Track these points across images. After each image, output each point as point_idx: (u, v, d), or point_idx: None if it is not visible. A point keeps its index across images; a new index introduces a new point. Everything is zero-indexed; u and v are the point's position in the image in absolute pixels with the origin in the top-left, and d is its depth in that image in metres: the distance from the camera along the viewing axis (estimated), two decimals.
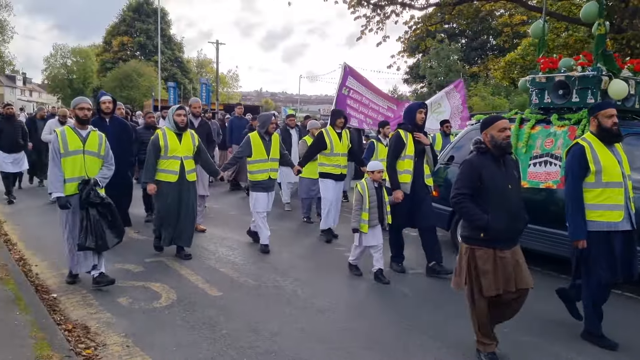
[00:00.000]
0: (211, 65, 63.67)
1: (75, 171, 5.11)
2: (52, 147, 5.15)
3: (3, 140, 10.07)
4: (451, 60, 44.46)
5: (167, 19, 61.65)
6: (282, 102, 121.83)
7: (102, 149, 5.31)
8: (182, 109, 6.32)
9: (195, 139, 6.46)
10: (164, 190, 6.25)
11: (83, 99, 5.36)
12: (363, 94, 9.93)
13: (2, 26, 40.16)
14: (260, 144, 6.83)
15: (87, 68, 61.72)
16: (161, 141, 6.21)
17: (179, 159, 6.25)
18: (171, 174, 6.24)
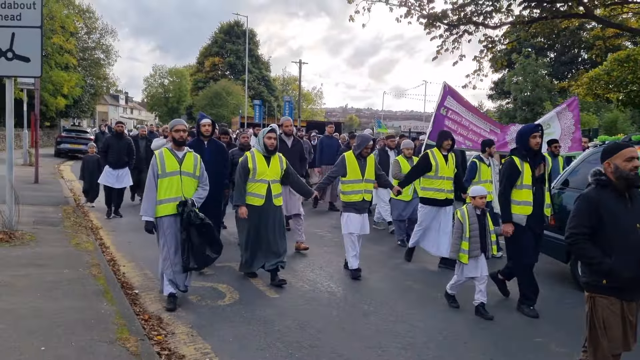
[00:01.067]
0: (296, 82, 65.77)
1: (172, 192, 5.22)
2: (150, 169, 5.29)
3: (111, 155, 10.45)
4: (538, 75, 43.01)
5: (255, 39, 64.60)
6: (367, 118, 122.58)
7: (197, 170, 5.39)
8: (274, 132, 6.16)
9: (283, 162, 6.31)
10: (249, 213, 6.09)
11: (179, 121, 5.51)
12: (463, 115, 9.45)
13: (108, 50, 43.90)
14: (355, 164, 6.68)
15: (181, 87, 65.82)
16: (250, 164, 6.10)
17: (266, 182, 6.11)
18: (257, 198, 6.10)
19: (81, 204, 11.47)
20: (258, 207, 6.10)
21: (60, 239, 7.84)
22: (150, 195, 5.24)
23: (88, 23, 41.16)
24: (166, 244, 5.27)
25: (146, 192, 5.30)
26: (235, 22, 62.84)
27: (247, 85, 48.29)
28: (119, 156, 10.48)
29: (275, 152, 6.23)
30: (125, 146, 10.63)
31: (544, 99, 38.90)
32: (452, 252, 5.47)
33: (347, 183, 6.71)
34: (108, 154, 10.46)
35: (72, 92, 34.09)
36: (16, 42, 7.48)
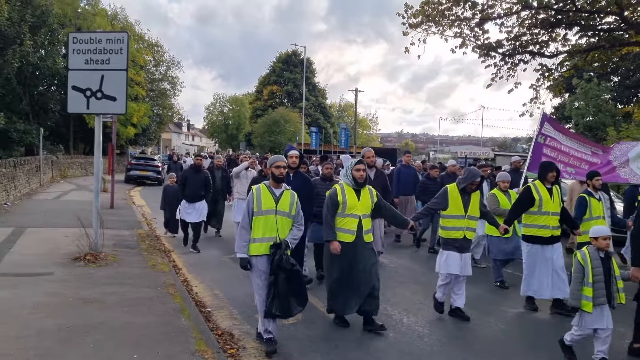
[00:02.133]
0: (352, 109, 66.67)
1: (266, 231, 5.00)
2: (246, 206, 5.11)
3: (188, 189, 10.18)
4: (601, 100, 41.84)
5: (312, 68, 66.18)
6: (423, 144, 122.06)
7: (293, 209, 5.14)
8: (362, 164, 5.79)
9: (374, 195, 5.92)
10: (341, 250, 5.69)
11: (280, 157, 5.25)
12: (561, 142, 9.01)
13: (174, 82, 46.33)
14: (459, 198, 6.27)
15: (241, 115, 68.10)
16: (339, 197, 5.72)
17: (357, 217, 5.71)
18: (348, 234, 5.70)
19: (162, 235, 11.55)
20: (348, 244, 5.68)
21: (138, 260, 8.59)
22: (245, 233, 5.06)
23: (156, 56, 43.70)
24: (258, 285, 5.08)
25: (240, 228, 5.11)
26: (293, 51, 64.68)
27: (304, 113, 49.51)
28: (196, 190, 10.17)
29: (365, 185, 5.82)
30: (202, 180, 10.30)
31: (607, 124, 37.78)
32: (573, 300, 4.88)
33: (447, 218, 6.31)
34: (185, 188, 10.22)
35: (140, 122, 36.18)
36: (105, 83, 8.40)
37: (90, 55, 8.42)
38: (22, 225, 11.17)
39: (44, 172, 22.12)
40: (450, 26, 14.76)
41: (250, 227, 5.04)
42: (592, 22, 13.78)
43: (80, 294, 6.39)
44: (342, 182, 5.90)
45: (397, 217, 6.23)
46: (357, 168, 5.72)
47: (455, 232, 6.24)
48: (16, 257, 8.26)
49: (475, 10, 13.81)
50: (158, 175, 27.33)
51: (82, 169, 31.22)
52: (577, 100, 42.58)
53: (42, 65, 29.56)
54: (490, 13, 14.27)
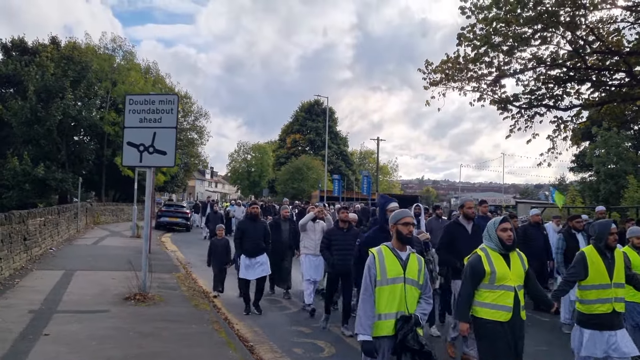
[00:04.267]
0: (373, 156, 67.87)
1: (393, 305, 4.11)
2: (366, 273, 4.18)
3: (247, 242, 9.10)
4: (622, 148, 42.21)
5: (334, 117, 67.99)
6: (444, 190, 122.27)
7: (421, 277, 4.26)
8: (508, 222, 4.75)
9: (524, 261, 4.82)
10: (489, 333, 4.58)
11: (406, 212, 4.44)
12: None
13: (201, 131, 48.16)
14: (600, 263, 5.30)
15: (264, 162, 69.78)
16: (485, 265, 4.66)
17: (512, 289, 4.58)
18: (502, 311, 4.57)
19: (211, 295, 10.31)
20: (504, 325, 4.55)
21: (182, 300, 9.35)
22: (368, 307, 4.12)
23: (185, 107, 45.68)
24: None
25: (362, 302, 4.15)
26: (316, 101, 66.73)
27: (326, 161, 50.72)
28: (257, 242, 9.13)
29: (515, 248, 4.77)
30: (262, 230, 9.31)
31: (628, 172, 38.01)
32: None
33: (588, 289, 5.30)
34: (243, 241, 9.15)
35: (169, 170, 37.61)
36: (157, 139, 9.39)
37: (144, 114, 9.46)
38: (71, 269, 12.05)
39: (80, 218, 23.24)
40: (468, 82, 15.69)
41: (373, 300, 4.13)
42: (602, 78, 14.59)
43: (136, 328, 7.14)
44: (484, 246, 4.84)
45: (543, 294, 5.05)
46: (503, 227, 4.69)
47: (600, 306, 5.21)
48: (73, 296, 9.08)
49: (492, 68, 14.72)
50: (187, 221, 28.29)
51: (114, 215, 32.44)
52: (597, 149, 43.05)
53: (80, 117, 31.33)
54: (506, 70, 15.17)
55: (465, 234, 6.60)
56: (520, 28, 13.26)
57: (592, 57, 14.58)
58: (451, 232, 6.81)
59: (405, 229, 4.24)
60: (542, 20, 12.85)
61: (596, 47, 13.66)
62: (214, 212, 20.19)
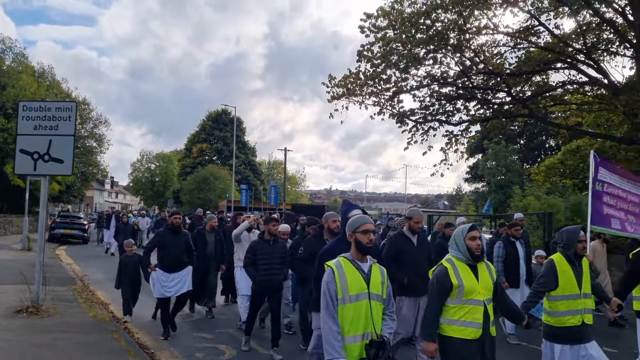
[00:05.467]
0: (282, 166, 68.45)
1: (358, 326, 3.56)
2: (325, 291, 3.61)
3: (166, 257, 8.08)
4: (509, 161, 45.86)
5: (242, 127, 67.74)
6: (351, 200, 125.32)
7: (384, 290, 3.77)
8: (475, 230, 4.36)
9: (492, 271, 4.42)
10: (458, 353, 4.14)
11: (365, 218, 3.94)
12: (619, 186, 7.99)
13: (100, 139, 46.07)
14: (570, 272, 5.05)
15: (168, 172, 67.97)
16: (453, 277, 4.21)
17: (480, 303, 4.17)
18: (471, 327, 4.14)
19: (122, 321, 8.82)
20: (473, 343, 4.12)
21: (79, 311, 9.11)
22: (332, 326, 3.54)
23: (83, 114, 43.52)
24: None
25: (325, 324, 3.57)
26: (223, 110, 66.17)
27: (234, 170, 50.46)
28: (177, 256, 8.11)
29: (483, 258, 4.39)
30: (184, 243, 8.26)
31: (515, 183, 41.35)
32: None
33: (558, 299, 5.04)
34: (164, 255, 8.10)
35: (65, 179, 35.64)
36: (53, 147, 9.13)
37: (39, 122, 9.17)
38: None
39: None
40: (369, 96, 16.52)
41: (337, 318, 3.56)
42: (487, 96, 16.03)
43: (30, 340, 6.93)
44: (450, 256, 4.41)
45: (511, 305, 4.59)
46: (471, 236, 4.26)
47: (570, 318, 4.99)
48: None
49: (389, 84, 15.64)
50: (84, 233, 27.03)
51: (1, 228, 30.21)
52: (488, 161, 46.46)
53: None
54: (402, 86, 16.17)
55: (411, 247, 6.19)
56: (414, 49, 14.24)
57: (478, 78, 15.98)
58: (397, 244, 6.28)
59: (365, 237, 3.70)
60: (434, 42, 13.93)
61: (481, 68, 14.99)
62: (124, 224, 18.09)
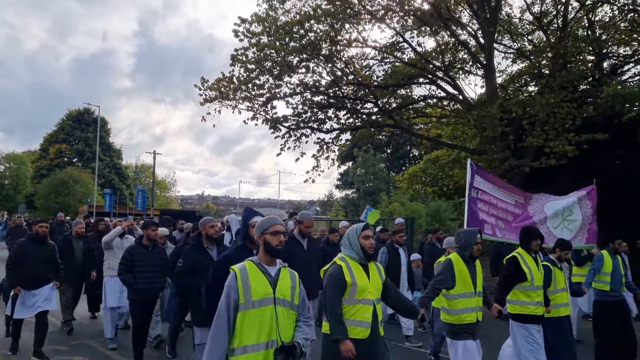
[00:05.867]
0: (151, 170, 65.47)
1: (262, 333, 3.30)
2: (224, 295, 3.35)
3: (26, 270, 6.99)
4: (377, 169, 48.32)
5: (107, 127, 63.73)
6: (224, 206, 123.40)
7: (296, 295, 3.51)
8: (369, 229, 4.37)
9: (382, 271, 4.43)
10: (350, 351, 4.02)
11: (275, 219, 3.69)
12: (491, 194, 8.33)
13: None
14: (466, 271, 5.22)
15: (20, 174, 61.93)
16: (347, 276, 4.14)
17: (370, 303, 4.15)
18: (361, 327, 4.11)
19: None
20: (363, 342, 4.08)
21: None
22: (220, 336, 3.29)
23: None
24: None
25: (213, 332, 3.30)
26: (86, 109, 61.80)
27: (96, 174, 47.27)
28: (40, 270, 7.12)
29: (374, 258, 4.43)
30: (49, 254, 7.31)
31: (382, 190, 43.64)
32: None
33: (456, 298, 5.21)
34: (22, 269, 7.02)
35: None
36: None
37: None
38: None
39: None
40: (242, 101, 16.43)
41: (229, 328, 3.30)
42: (356, 106, 16.73)
43: None
44: (343, 255, 4.34)
45: (405, 301, 4.63)
46: (365, 235, 4.26)
47: (468, 315, 5.19)
48: None
49: (263, 90, 15.70)
50: None
51: None
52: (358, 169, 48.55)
53: None
54: (276, 92, 16.32)
55: (300, 249, 6.15)
56: (288, 56, 14.45)
57: (348, 88, 16.63)
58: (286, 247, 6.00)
59: (274, 239, 3.48)
60: (306, 51, 14.24)
61: (351, 79, 15.62)
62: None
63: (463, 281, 5.19)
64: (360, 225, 4.36)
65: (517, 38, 19.57)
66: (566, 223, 8.71)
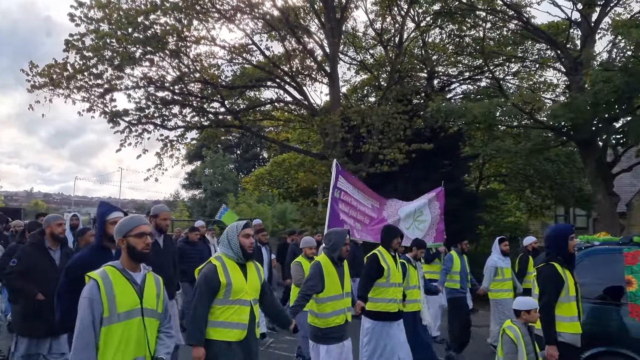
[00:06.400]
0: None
1: (127, 350, 2.99)
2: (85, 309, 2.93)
3: None
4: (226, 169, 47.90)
5: None
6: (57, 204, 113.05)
7: (160, 303, 3.21)
8: (250, 227, 4.14)
9: (260, 271, 4.26)
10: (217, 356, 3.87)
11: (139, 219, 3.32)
12: (352, 195, 8.33)
13: None
14: (335, 273, 5.11)
15: None
16: (222, 276, 3.92)
17: (247, 304, 3.99)
18: (237, 329, 3.92)
19: None
20: (238, 345, 3.92)
21: None
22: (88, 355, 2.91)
23: None
24: None
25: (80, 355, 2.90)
26: None
27: None
28: None
29: (253, 257, 4.20)
30: None
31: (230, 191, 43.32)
32: None
33: (326, 302, 5.06)
34: None
35: None
36: None
37: None
38: None
39: None
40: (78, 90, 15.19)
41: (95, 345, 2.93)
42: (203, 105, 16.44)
43: None
44: (219, 253, 4.16)
45: (280, 310, 4.51)
46: (246, 233, 4.05)
47: (336, 318, 5.08)
48: None
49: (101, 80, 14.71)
50: None
51: None
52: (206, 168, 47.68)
53: None
54: (117, 84, 15.36)
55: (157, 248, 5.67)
56: (131, 47, 13.73)
57: (195, 85, 16.27)
58: None
59: (140, 242, 3.12)
60: (151, 44, 13.66)
61: (198, 76, 15.31)
62: None
63: (332, 283, 5.09)
64: (240, 223, 4.15)
65: (360, 51, 20.82)
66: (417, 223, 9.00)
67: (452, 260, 8.28)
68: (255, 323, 4.01)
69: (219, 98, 15.74)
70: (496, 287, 8.28)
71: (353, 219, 8.26)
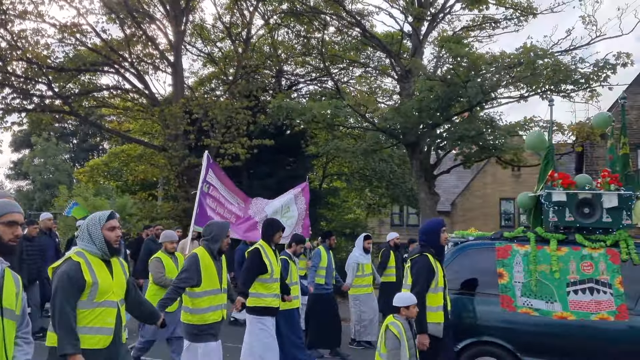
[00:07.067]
0: None
1: None
2: None
3: None
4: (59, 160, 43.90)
5: None
6: None
7: (18, 304, 2.79)
8: (115, 219, 3.67)
9: (125, 267, 3.85)
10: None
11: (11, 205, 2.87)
12: (220, 191, 8.10)
13: None
14: (212, 267, 4.85)
15: None
16: (87, 274, 3.44)
17: (114, 305, 3.55)
18: (102, 334, 3.47)
19: None
20: (103, 352, 3.46)
21: None
22: None
23: None
24: None
25: None
26: None
27: None
28: None
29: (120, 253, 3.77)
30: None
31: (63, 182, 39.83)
32: None
33: (202, 296, 4.78)
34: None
35: None
36: None
37: None
38: None
39: None
40: None
41: None
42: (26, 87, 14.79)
43: None
44: (79, 249, 3.60)
45: (145, 304, 4.12)
46: (111, 226, 3.57)
47: (213, 314, 4.83)
48: None
49: None
50: None
51: None
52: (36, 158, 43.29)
53: None
54: None
55: None
56: None
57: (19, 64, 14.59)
58: None
59: (9, 231, 2.72)
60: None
61: (19, 54, 13.76)
62: None
63: (209, 277, 4.81)
64: (103, 214, 3.63)
65: (208, 43, 20.35)
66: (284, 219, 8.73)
67: (320, 256, 8.23)
68: (122, 326, 3.60)
69: (44, 80, 14.28)
70: (357, 282, 8.46)
71: (219, 216, 8.01)
